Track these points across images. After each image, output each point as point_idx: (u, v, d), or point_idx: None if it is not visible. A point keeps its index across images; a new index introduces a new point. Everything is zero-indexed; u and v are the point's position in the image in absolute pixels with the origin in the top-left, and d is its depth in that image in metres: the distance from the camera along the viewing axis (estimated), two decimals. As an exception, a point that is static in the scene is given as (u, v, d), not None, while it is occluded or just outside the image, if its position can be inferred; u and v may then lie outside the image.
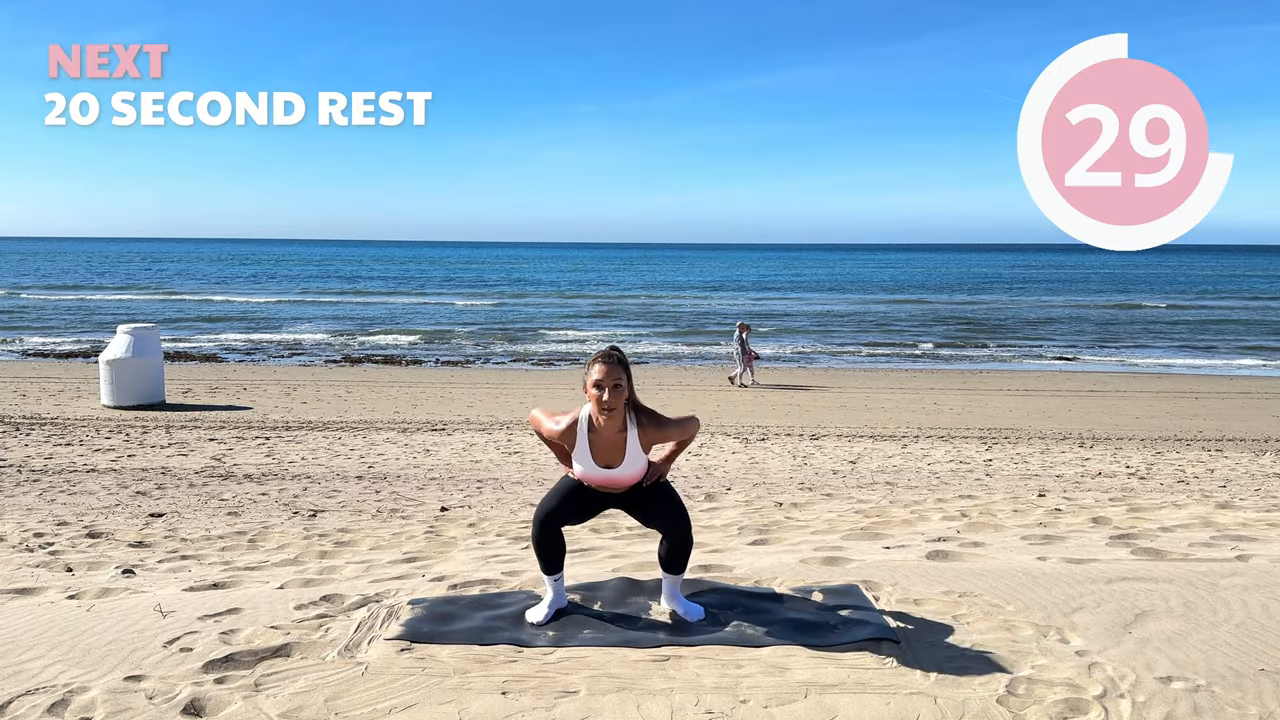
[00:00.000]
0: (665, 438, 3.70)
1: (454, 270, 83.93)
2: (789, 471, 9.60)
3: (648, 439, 3.64)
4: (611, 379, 3.49)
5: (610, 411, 3.52)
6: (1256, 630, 3.57)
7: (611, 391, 3.49)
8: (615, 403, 3.51)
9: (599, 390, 3.49)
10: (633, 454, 3.61)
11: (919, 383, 19.86)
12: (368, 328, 33.18)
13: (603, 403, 3.50)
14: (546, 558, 3.72)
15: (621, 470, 3.63)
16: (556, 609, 3.76)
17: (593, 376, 3.51)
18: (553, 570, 3.75)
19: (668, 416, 3.70)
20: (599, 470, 3.63)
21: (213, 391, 16.42)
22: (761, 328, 33.46)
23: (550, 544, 3.70)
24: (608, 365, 3.51)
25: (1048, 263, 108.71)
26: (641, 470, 3.66)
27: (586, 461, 3.64)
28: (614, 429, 3.58)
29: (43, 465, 9.21)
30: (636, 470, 3.65)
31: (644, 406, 3.66)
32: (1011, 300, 49.28)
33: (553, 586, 3.78)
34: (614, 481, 3.66)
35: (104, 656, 3.30)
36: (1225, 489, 8.43)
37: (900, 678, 3.10)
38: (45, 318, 34.99)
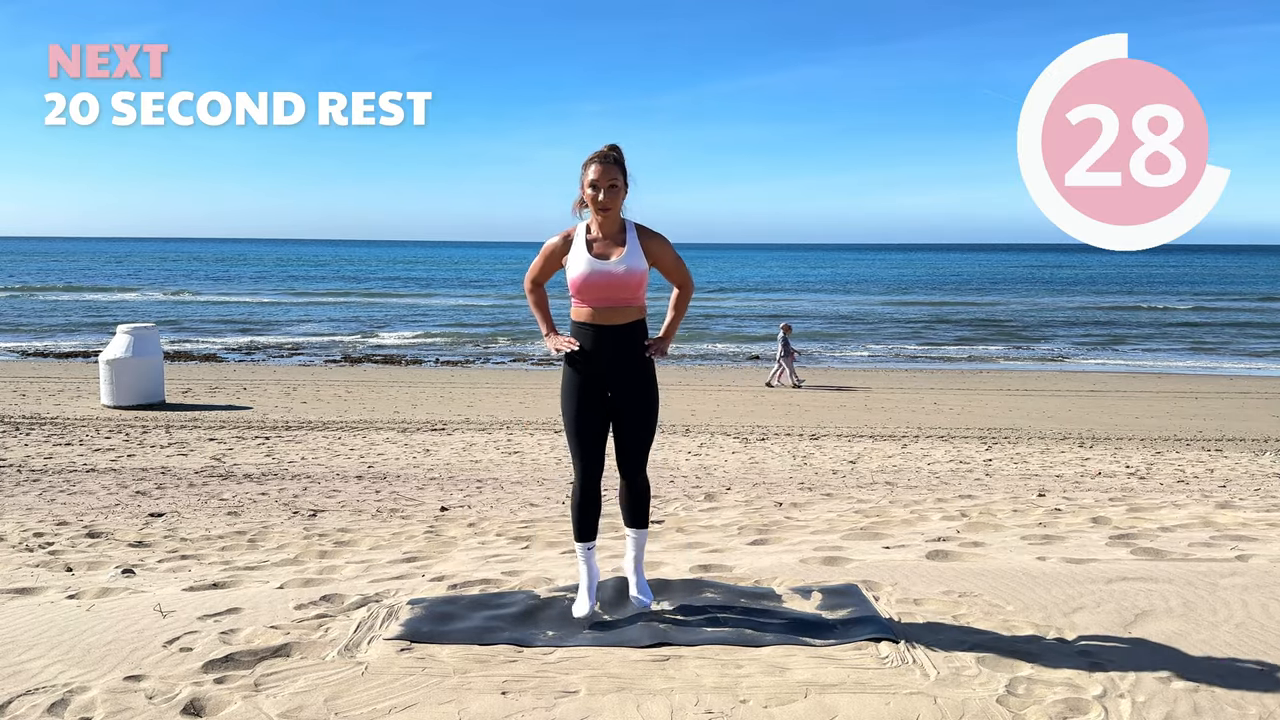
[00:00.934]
0: (663, 253, 3.61)
1: (454, 270, 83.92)
2: (789, 471, 9.60)
3: (646, 242, 3.57)
4: (607, 179, 3.45)
5: (606, 211, 3.47)
6: (1256, 630, 3.57)
7: (607, 191, 3.45)
8: (611, 202, 3.46)
9: (595, 190, 3.45)
10: (631, 248, 3.53)
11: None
12: (369, 328, 33.18)
13: (598, 202, 3.45)
14: (585, 521, 3.68)
15: (619, 263, 3.51)
16: (593, 588, 3.73)
17: (589, 177, 3.46)
18: (586, 536, 3.71)
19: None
20: (596, 264, 3.51)
21: (213, 391, 16.42)
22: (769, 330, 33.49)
23: (591, 504, 3.66)
24: (604, 165, 3.46)
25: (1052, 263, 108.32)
26: (640, 269, 3.55)
27: (583, 257, 3.53)
28: (611, 229, 3.53)
29: (42, 465, 9.21)
30: (635, 265, 3.53)
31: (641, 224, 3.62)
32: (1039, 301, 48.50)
33: (586, 559, 3.74)
34: (611, 278, 3.52)
35: (104, 656, 3.30)
36: (1225, 489, 8.43)
37: (900, 678, 3.10)
38: (45, 318, 34.99)
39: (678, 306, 3.82)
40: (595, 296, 3.56)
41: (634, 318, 3.61)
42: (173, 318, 34.95)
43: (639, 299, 3.62)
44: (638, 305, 3.62)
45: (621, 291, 3.55)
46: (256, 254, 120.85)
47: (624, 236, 3.56)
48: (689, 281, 3.78)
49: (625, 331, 3.59)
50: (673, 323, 3.79)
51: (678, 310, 3.82)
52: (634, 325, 3.62)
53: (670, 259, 3.66)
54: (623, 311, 3.58)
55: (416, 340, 29.57)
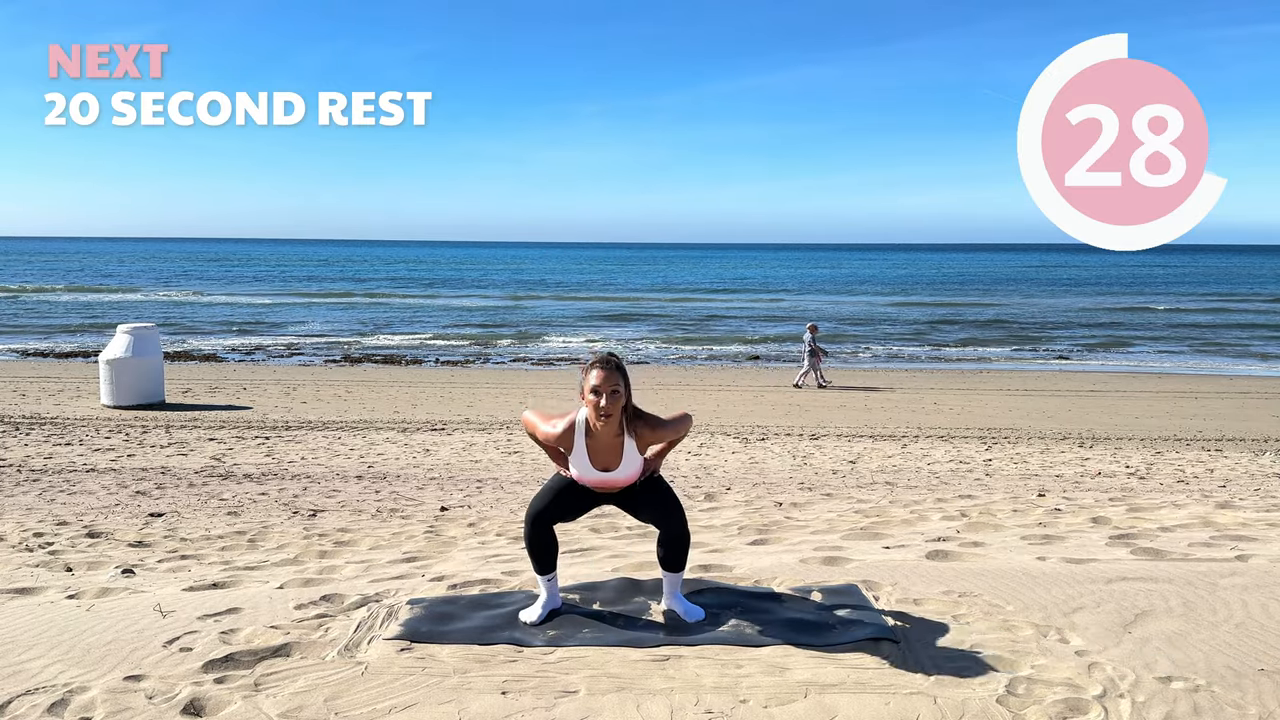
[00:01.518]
0: (661, 439, 3.69)
1: (456, 270, 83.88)
2: (789, 471, 9.60)
3: (644, 442, 3.64)
4: (609, 385, 3.48)
5: (607, 418, 3.51)
6: (1256, 630, 3.57)
7: (609, 398, 3.48)
8: (612, 409, 3.49)
9: (596, 396, 3.48)
10: (629, 457, 3.61)
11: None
12: (370, 328, 33.17)
13: (600, 409, 3.48)
14: (539, 557, 3.72)
15: (618, 473, 3.64)
16: (550, 609, 3.75)
17: (590, 383, 3.50)
18: (545, 570, 3.75)
19: (662, 418, 3.69)
20: (596, 473, 3.64)
21: (212, 391, 16.42)
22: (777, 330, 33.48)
23: (542, 543, 3.70)
24: (605, 371, 3.50)
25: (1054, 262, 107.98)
26: (638, 471, 3.67)
27: (583, 465, 3.64)
28: (611, 434, 3.57)
29: (42, 465, 9.21)
30: (633, 472, 3.65)
31: (640, 410, 3.65)
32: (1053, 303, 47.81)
33: (546, 586, 3.77)
34: (610, 484, 3.67)
35: (104, 656, 3.30)
36: (1225, 489, 8.43)
37: (900, 677, 3.10)
38: (45, 318, 34.99)
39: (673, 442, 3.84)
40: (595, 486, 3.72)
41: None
42: (173, 318, 34.96)
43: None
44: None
45: (621, 485, 3.71)
46: (256, 254, 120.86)
47: (621, 441, 3.61)
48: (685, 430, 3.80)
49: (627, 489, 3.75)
50: (663, 451, 3.82)
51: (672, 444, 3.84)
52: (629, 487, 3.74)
53: (667, 435, 3.71)
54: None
55: (418, 340, 29.56)
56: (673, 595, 3.79)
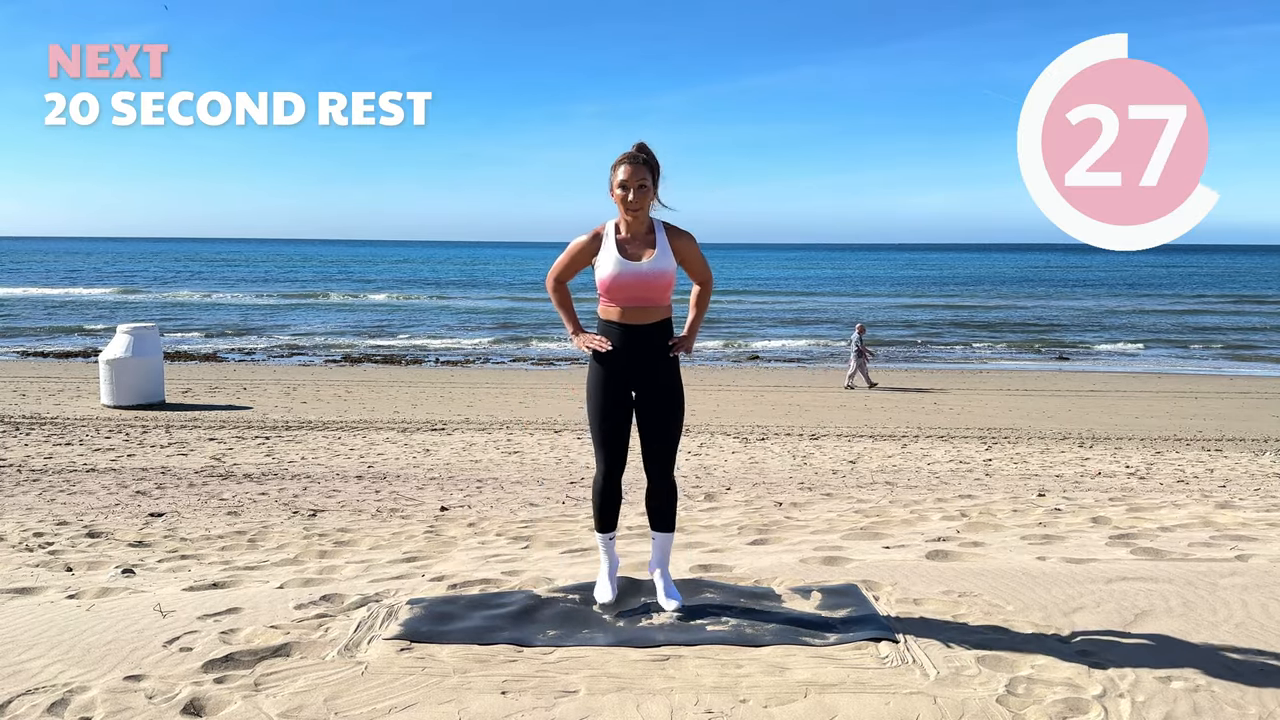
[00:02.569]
0: (690, 251, 3.65)
1: (458, 271, 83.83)
2: (789, 471, 9.60)
3: (674, 241, 3.61)
4: (637, 179, 3.47)
5: (636, 212, 3.49)
6: (1256, 630, 3.57)
7: (637, 191, 3.47)
8: (641, 202, 3.48)
9: (624, 190, 3.47)
10: (662, 248, 3.57)
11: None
12: (370, 328, 33.17)
13: (628, 203, 3.47)
14: (605, 511, 3.76)
15: (650, 264, 3.55)
16: (614, 574, 3.82)
17: (618, 177, 3.48)
18: (607, 526, 3.78)
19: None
20: (627, 265, 3.55)
21: (212, 391, 16.42)
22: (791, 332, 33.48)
23: (610, 496, 3.73)
24: (633, 165, 3.48)
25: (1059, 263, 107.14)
26: (670, 270, 3.59)
27: (613, 258, 3.55)
28: (640, 229, 3.55)
29: (42, 465, 9.21)
30: (665, 266, 3.57)
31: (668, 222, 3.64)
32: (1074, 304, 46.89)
33: (606, 548, 3.80)
34: (642, 279, 3.55)
35: (104, 656, 3.30)
36: (1225, 489, 8.43)
37: (900, 677, 3.10)
38: (46, 317, 34.99)
39: (700, 304, 3.87)
40: (625, 296, 3.60)
41: (661, 317, 3.66)
42: (173, 317, 34.96)
43: (666, 299, 3.68)
44: (665, 305, 3.68)
45: (651, 292, 3.60)
46: (256, 254, 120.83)
47: (653, 237, 3.60)
48: (710, 279, 3.83)
49: (653, 330, 3.64)
50: (695, 320, 3.84)
51: (700, 308, 3.87)
52: (662, 324, 3.67)
53: (697, 257, 3.71)
54: (650, 311, 3.63)
55: (425, 344, 29.56)
56: (663, 565, 3.81)
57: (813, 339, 30.72)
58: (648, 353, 3.64)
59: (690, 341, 3.74)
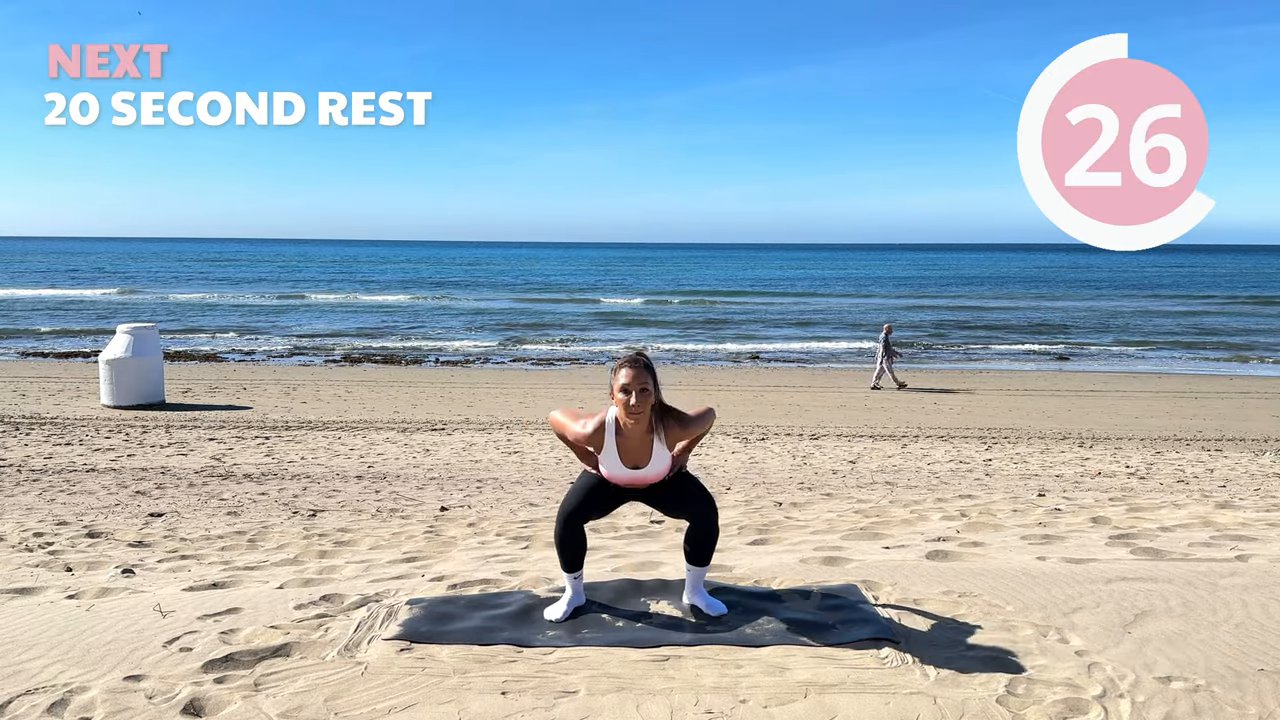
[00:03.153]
0: (689, 435, 3.71)
1: (461, 271, 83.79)
2: (789, 471, 9.60)
3: (672, 438, 3.66)
4: (639, 384, 3.50)
5: (638, 416, 3.54)
6: (1256, 630, 3.57)
7: (639, 396, 3.50)
8: (642, 407, 3.52)
9: (626, 395, 3.51)
10: (659, 454, 3.64)
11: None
12: (371, 328, 33.17)
13: (630, 408, 3.51)
14: (569, 555, 3.74)
15: (648, 470, 3.66)
16: (575, 606, 3.78)
17: (620, 381, 3.53)
18: (573, 568, 3.78)
19: (688, 414, 3.71)
20: (626, 471, 3.66)
21: (212, 391, 16.42)
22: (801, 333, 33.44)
23: (573, 541, 3.73)
24: (635, 370, 3.52)
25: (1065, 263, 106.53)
26: (667, 468, 3.70)
27: (614, 464, 3.66)
28: (641, 431, 3.60)
29: (42, 465, 9.21)
30: (662, 469, 3.69)
31: (668, 406, 3.67)
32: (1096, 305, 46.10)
33: (572, 585, 3.81)
34: (641, 481, 3.70)
35: (103, 656, 3.30)
36: (1225, 489, 8.43)
37: (899, 677, 3.10)
38: (45, 317, 34.99)
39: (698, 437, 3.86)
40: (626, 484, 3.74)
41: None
42: (173, 317, 34.96)
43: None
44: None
45: (651, 482, 3.73)
46: (256, 254, 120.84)
47: (650, 439, 3.64)
48: (710, 425, 3.84)
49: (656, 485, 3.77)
50: (689, 446, 3.86)
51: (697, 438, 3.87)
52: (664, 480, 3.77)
53: (695, 430, 3.73)
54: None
55: (430, 345, 29.57)
56: (696, 590, 3.82)
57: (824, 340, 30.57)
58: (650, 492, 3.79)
59: (684, 458, 3.80)
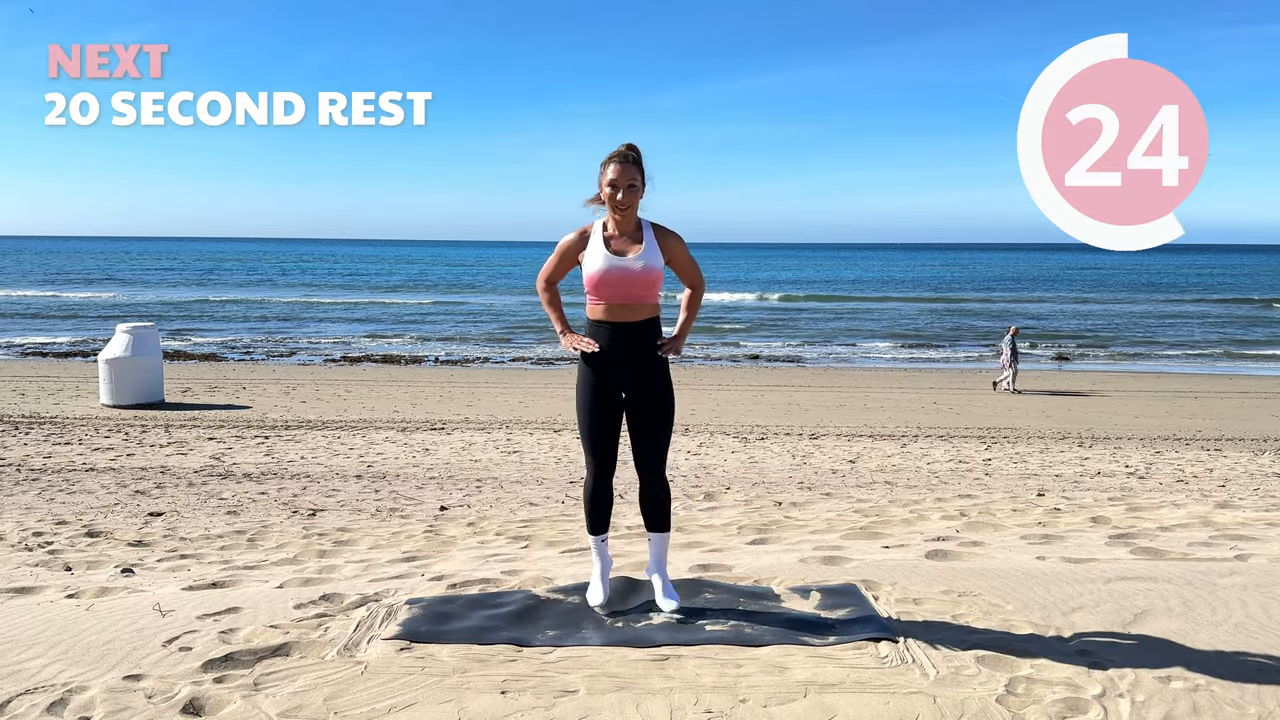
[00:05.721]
0: (678, 251, 3.65)
1: (457, 270, 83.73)
2: (788, 471, 9.60)
3: (662, 240, 3.61)
4: (626, 178, 3.47)
5: (625, 209, 3.49)
6: (1256, 630, 3.57)
7: (626, 191, 3.48)
8: (630, 200, 3.49)
9: (614, 189, 3.48)
10: (649, 246, 3.57)
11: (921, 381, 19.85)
12: (370, 328, 33.15)
13: (617, 201, 3.47)
14: (596, 513, 3.74)
15: (636, 259, 3.54)
16: (606, 575, 3.80)
17: (607, 176, 3.49)
18: (599, 528, 3.77)
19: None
20: (614, 260, 3.54)
21: (212, 391, 16.41)
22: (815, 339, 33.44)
23: (602, 497, 3.72)
24: (622, 165, 3.49)
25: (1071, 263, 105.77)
26: (657, 267, 3.58)
27: (600, 253, 3.55)
28: (628, 227, 3.56)
29: (42, 464, 9.20)
30: (652, 263, 3.56)
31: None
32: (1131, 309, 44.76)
33: (599, 550, 3.80)
34: (629, 275, 3.55)
35: (103, 656, 3.30)
36: (1224, 488, 8.43)
37: (899, 677, 3.10)
38: (45, 316, 34.98)
39: (690, 306, 3.86)
40: (612, 293, 3.59)
41: (649, 315, 3.65)
42: (173, 317, 34.95)
43: (654, 297, 3.66)
44: (652, 303, 3.67)
45: (638, 288, 3.58)
46: (256, 253, 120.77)
47: (641, 235, 3.60)
48: (701, 281, 3.82)
49: (640, 329, 3.63)
50: (686, 322, 3.82)
51: (690, 310, 3.86)
52: (649, 323, 3.65)
53: (685, 258, 3.70)
54: (638, 309, 3.62)
55: (418, 341, 29.56)
56: (660, 565, 3.81)
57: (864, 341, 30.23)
58: (636, 352, 3.62)
59: (679, 343, 3.73)
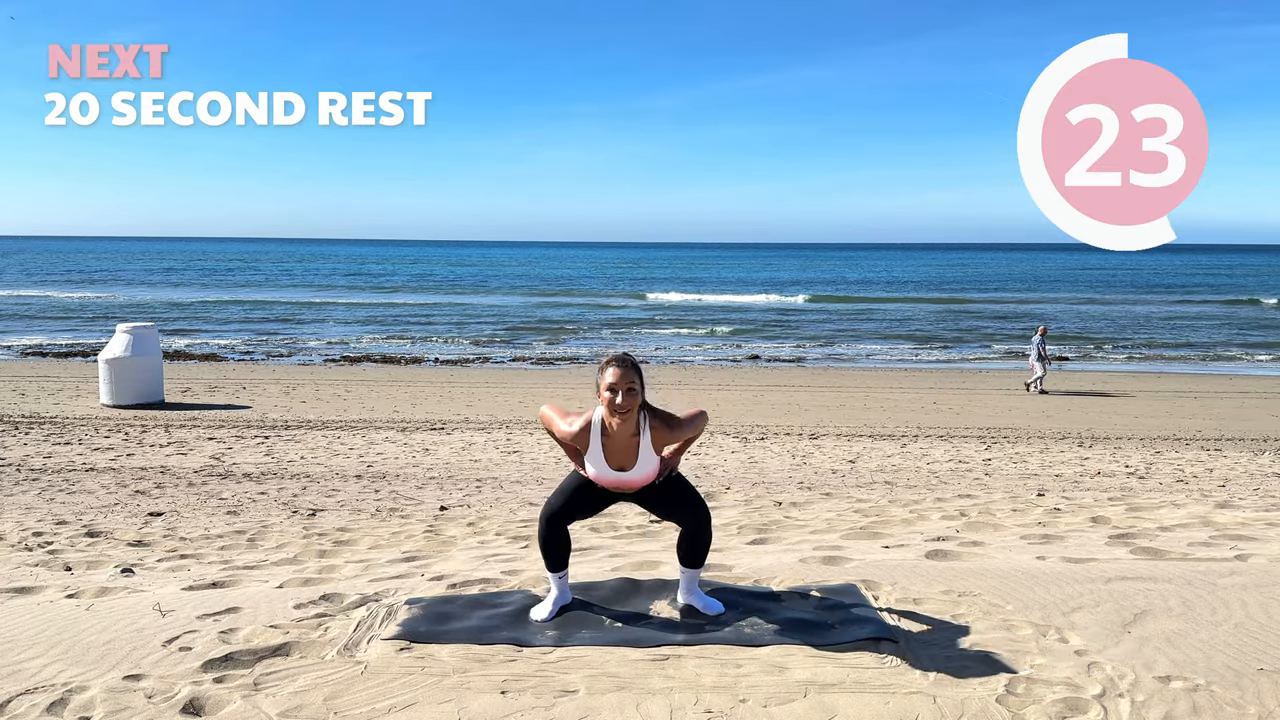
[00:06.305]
0: (677, 438, 3.68)
1: (457, 270, 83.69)
2: (788, 471, 9.60)
3: (660, 440, 3.63)
4: (625, 383, 3.48)
5: (624, 415, 3.52)
6: (1256, 630, 3.57)
7: (625, 395, 3.48)
8: (629, 405, 3.50)
9: (612, 394, 3.49)
10: (645, 456, 3.61)
11: (921, 381, 19.85)
12: (370, 329, 33.15)
13: (616, 406, 3.49)
14: (553, 555, 3.73)
15: (634, 473, 3.64)
16: (561, 605, 3.77)
17: (606, 380, 3.51)
18: (558, 568, 3.77)
19: (678, 416, 3.68)
20: (612, 473, 3.64)
21: (212, 391, 16.41)
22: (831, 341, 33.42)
23: (557, 542, 3.71)
24: (621, 369, 3.50)
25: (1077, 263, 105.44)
26: (654, 471, 3.66)
27: (600, 464, 3.64)
28: (627, 432, 3.58)
29: (42, 464, 9.20)
30: (649, 471, 3.65)
31: (655, 408, 3.64)
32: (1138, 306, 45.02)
33: (557, 584, 3.79)
34: (627, 484, 3.67)
35: (103, 655, 3.30)
36: (1224, 488, 8.43)
37: (899, 677, 3.10)
38: (45, 316, 34.98)
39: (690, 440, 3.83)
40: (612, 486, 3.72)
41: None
42: (172, 317, 34.94)
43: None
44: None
45: (637, 485, 3.70)
46: (256, 253, 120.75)
47: (637, 440, 3.60)
48: (701, 428, 3.80)
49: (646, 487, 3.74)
50: (680, 449, 3.81)
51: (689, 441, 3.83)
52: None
53: (684, 433, 3.70)
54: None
55: (417, 340, 29.56)
56: (691, 591, 3.81)
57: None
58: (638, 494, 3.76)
59: (675, 461, 3.76)
